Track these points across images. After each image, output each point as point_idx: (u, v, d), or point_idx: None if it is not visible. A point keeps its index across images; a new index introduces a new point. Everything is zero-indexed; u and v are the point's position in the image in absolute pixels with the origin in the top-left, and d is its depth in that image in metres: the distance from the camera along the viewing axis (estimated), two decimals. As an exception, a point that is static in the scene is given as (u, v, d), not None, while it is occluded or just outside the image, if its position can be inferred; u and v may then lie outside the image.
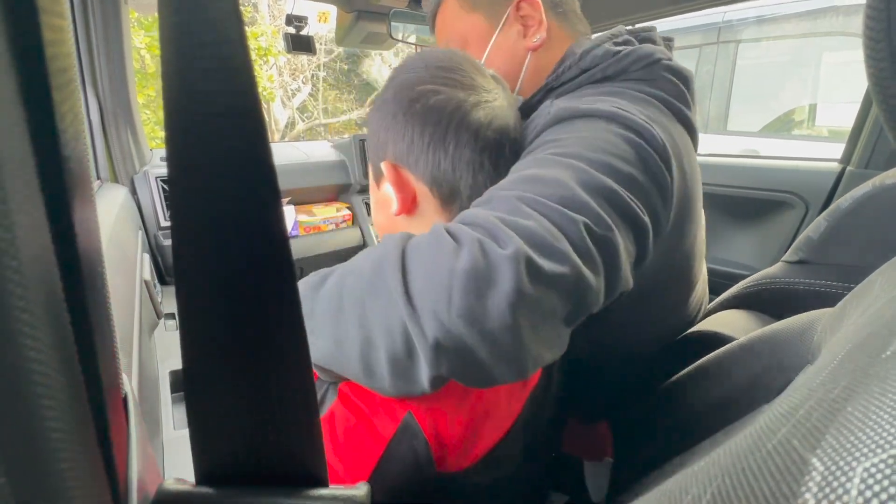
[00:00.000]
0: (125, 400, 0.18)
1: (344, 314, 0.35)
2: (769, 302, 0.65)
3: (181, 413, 0.68)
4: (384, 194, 0.48)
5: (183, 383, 0.17)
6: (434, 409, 0.38)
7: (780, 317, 0.54)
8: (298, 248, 1.31)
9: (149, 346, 0.65)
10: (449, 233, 0.35)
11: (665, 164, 0.43)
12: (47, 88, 0.12)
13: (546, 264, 0.33)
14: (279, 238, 0.15)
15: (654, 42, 0.55)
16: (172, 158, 0.14)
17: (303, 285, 0.40)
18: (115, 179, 1.13)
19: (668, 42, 0.57)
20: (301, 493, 0.17)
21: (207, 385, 0.17)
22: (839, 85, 3.00)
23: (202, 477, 0.17)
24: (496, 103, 0.46)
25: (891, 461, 0.09)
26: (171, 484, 0.17)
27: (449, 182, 0.45)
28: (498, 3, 0.57)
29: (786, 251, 0.66)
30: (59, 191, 0.13)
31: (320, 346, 0.37)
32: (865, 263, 0.55)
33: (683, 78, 0.51)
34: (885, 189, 0.57)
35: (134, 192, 1.13)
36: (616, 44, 0.52)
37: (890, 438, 0.10)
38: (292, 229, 1.31)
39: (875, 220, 0.56)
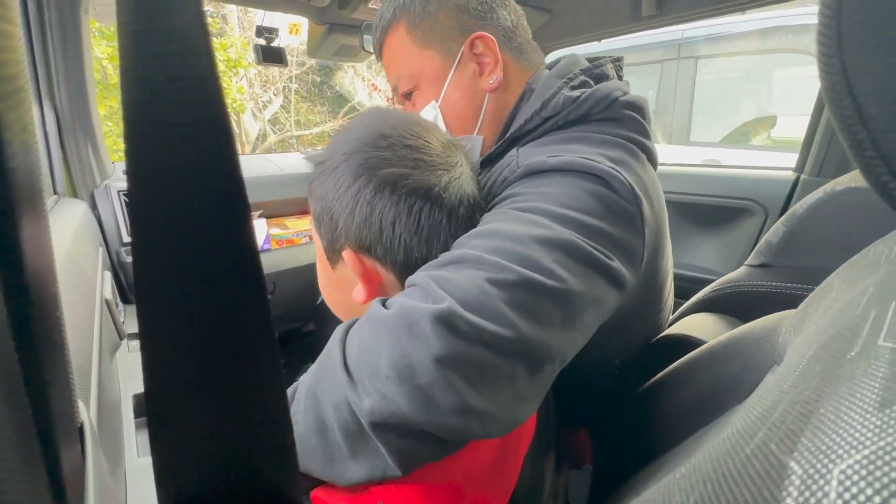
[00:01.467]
0: (81, 430, 0.17)
1: (300, 404, 0.36)
2: (735, 304, 0.67)
3: (145, 439, 0.65)
4: (340, 276, 0.45)
5: (145, 408, 0.16)
6: (407, 492, 0.35)
7: (745, 318, 0.56)
8: (271, 262, 1.28)
9: (110, 368, 0.61)
10: (383, 303, 0.36)
11: (635, 206, 0.43)
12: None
13: (474, 320, 0.32)
14: (248, 253, 0.14)
15: (607, 77, 0.54)
16: (132, 171, 0.13)
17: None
18: (74, 194, 1.07)
19: (617, 62, 0.57)
20: (274, 521, 0.16)
21: (171, 410, 0.16)
22: (790, 98, 3.19)
23: (166, 509, 0.16)
24: (463, 177, 0.44)
25: (865, 462, 0.10)
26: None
27: (419, 266, 0.43)
28: (451, 40, 0.55)
29: (748, 255, 0.69)
30: (4, 206, 0.12)
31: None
32: (822, 265, 0.58)
33: (639, 109, 0.52)
34: (836, 195, 0.61)
35: (94, 206, 1.08)
36: (573, 87, 0.51)
37: (862, 439, 0.10)
38: (264, 243, 1.28)
39: (828, 223, 0.59)
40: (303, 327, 1.69)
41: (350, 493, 0.35)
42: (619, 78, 0.57)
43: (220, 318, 0.15)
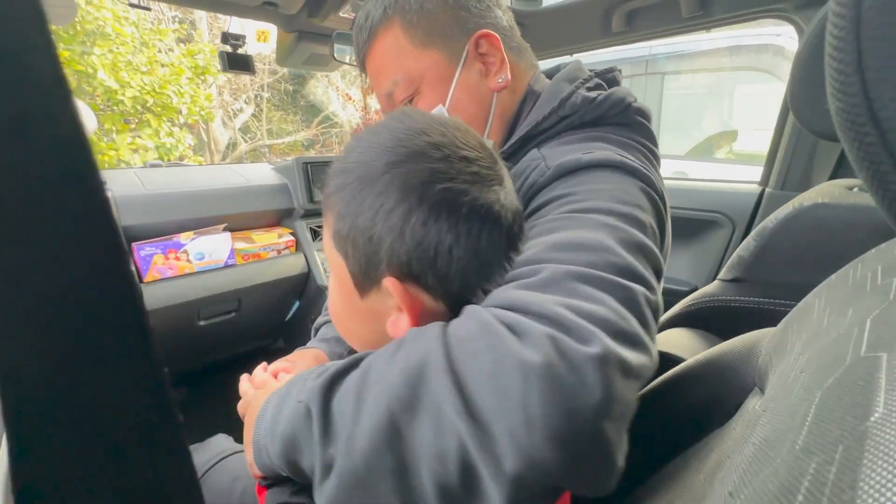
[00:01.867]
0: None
1: (367, 438, 0.29)
2: (710, 319, 0.67)
3: None
4: (371, 307, 0.38)
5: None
6: None
7: (721, 333, 0.56)
8: (236, 278, 1.22)
9: None
10: (504, 324, 0.29)
11: (664, 205, 0.44)
12: None
13: (632, 357, 0.29)
14: (123, 297, 0.11)
15: (618, 83, 0.54)
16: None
17: (306, 394, 0.33)
18: None
19: (619, 73, 0.57)
20: None
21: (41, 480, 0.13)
22: (751, 114, 3.35)
23: None
24: (512, 190, 0.40)
25: None
26: None
27: (476, 289, 0.38)
28: (454, 39, 0.52)
29: (718, 266, 0.69)
30: None
31: (332, 484, 0.30)
32: (793, 280, 0.59)
33: (648, 117, 0.51)
34: (804, 210, 0.62)
35: None
36: (588, 88, 0.50)
37: None
38: (228, 258, 1.22)
39: (798, 238, 0.60)
40: (271, 345, 1.62)
41: None
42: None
43: (95, 383, 0.12)
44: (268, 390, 0.43)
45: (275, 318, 1.49)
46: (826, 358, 0.19)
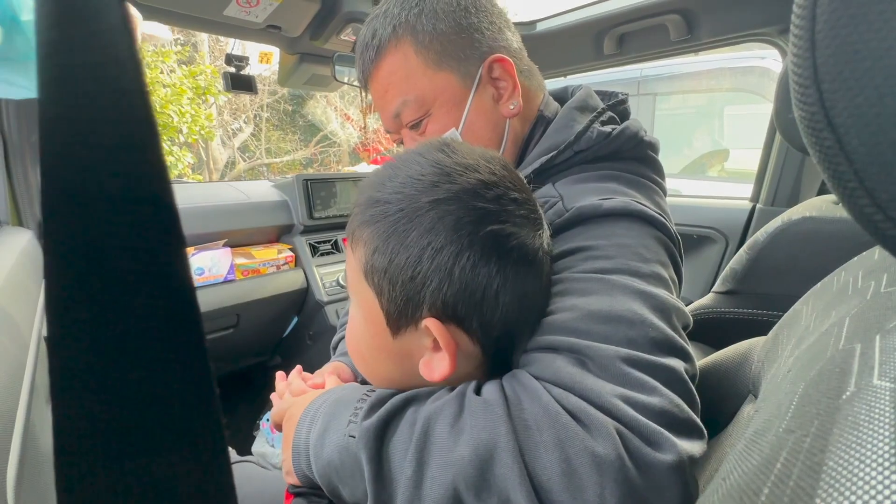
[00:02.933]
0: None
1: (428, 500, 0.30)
2: (705, 331, 0.68)
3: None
4: (403, 347, 0.37)
5: (55, 476, 0.13)
6: None
7: (715, 344, 0.57)
8: (235, 293, 1.22)
9: (43, 416, 0.55)
10: (569, 412, 0.30)
11: (679, 252, 0.44)
12: None
13: (696, 448, 0.30)
14: (183, 291, 0.12)
15: (629, 114, 0.54)
16: (46, 198, 0.12)
17: (358, 431, 0.34)
18: (19, 222, 1.00)
19: (626, 97, 0.57)
20: None
21: (84, 479, 0.13)
22: (740, 133, 3.43)
23: None
24: (546, 231, 0.40)
25: None
26: None
27: (513, 335, 0.37)
28: (468, 61, 0.51)
29: (713, 281, 0.71)
30: None
31: None
32: (784, 291, 0.60)
33: (657, 150, 0.52)
34: (793, 224, 0.63)
35: (41, 236, 1.01)
36: (602, 122, 0.50)
37: (885, 501, 0.09)
38: (228, 273, 1.22)
39: (788, 250, 0.62)
40: (268, 361, 1.61)
41: None
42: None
43: (146, 367, 0.13)
44: (306, 399, 0.43)
45: (273, 333, 1.49)
46: (809, 354, 0.20)
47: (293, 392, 0.49)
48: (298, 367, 0.55)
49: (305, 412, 0.41)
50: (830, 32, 0.13)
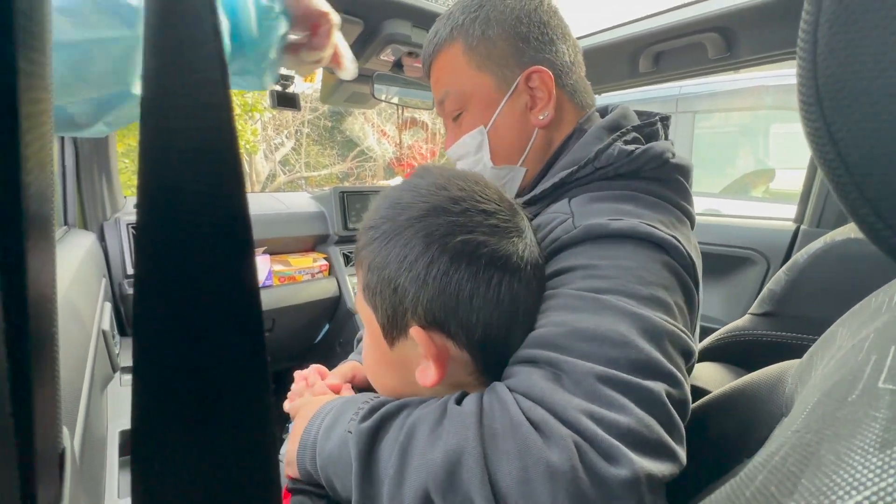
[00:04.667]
0: (62, 456, 0.16)
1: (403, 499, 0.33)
2: (739, 353, 0.66)
3: (128, 479, 0.62)
4: (399, 357, 0.41)
5: (131, 443, 0.15)
6: None
7: (750, 368, 0.55)
8: (272, 299, 1.28)
9: (99, 401, 0.60)
10: (532, 422, 0.32)
11: (693, 277, 0.43)
12: (16, 112, 0.12)
13: (659, 469, 0.31)
14: (249, 290, 0.14)
15: (658, 135, 0.54)
16: (142, 197, 0.14)
17: (355, 428, 0.37)
18: (84, 225, 1.10)
19: (664, 121, 0.57)
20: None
21: (158, 446, 0.15)
22: (788, 153, 3.29)
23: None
24: (533, 243, 0.42)
25: (866, 502, 0.09)
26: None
27: (498, 340, 0.39)
28: (508, 68, 0.54)
29: (752, 304, 0.68)
30: (16, 232, 0.13)
31: None
32: (824, 315, 0.57)
33: (686, 173, 0.52)
34: (836, 245, 0.61)
35: (102, 238, 1.10)
36: (626, 142, 0.51)
37: (863, 480, 0.10)
38: (266, 279, 1.28)
39: (829, 273, 0.59)
40: (300, 366, 1.65)
41: None
42: (665, 136, 0.56)
43: (216, 354, 0.15)
44: (322, 400, 0.47)
45: (305, 339, 1.54)
46: (832, 368, 0.20)
47: (314, 392, 0.53)
48: (316, 366, 0.59)
49: (320, 410, 0.44)
50: (830, 55, 0.14)
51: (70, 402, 0.42)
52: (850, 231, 0.62)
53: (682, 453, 0.34)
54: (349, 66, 0.57)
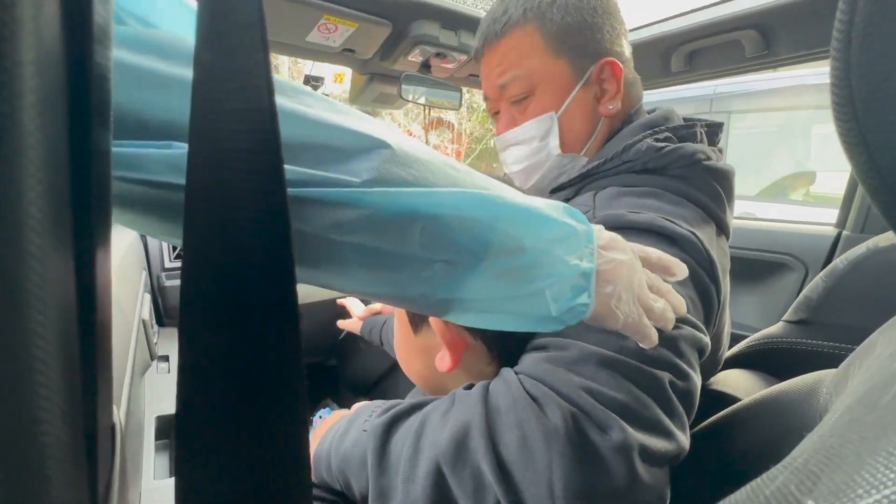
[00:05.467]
0: (113, 429, 0.18)
1: (416, 482, 0.34)
2: (771, 361, 0.64)
3: (163, 462, 0.65)
4: (423, 343, 0.44)
5: (175, 429, 0.16)
6: None
7: (781, 376, 0.53)
8: (299, 295, 1.31)
9: (139, 388, 0.63)
10: (532, 396, 0.33)
11: (710, 273, 0.43)
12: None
13: (654, 443, 0.32)
14: (288, 280, 0.15)
15: (694, 138, 0.54)
16: (191, 193, 0.15)
17: (370, 426, 0.39)
18: (126, 221, 1.15)
19: (713, 127, 0.56)
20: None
21: (200, 430, 0.16)
22: (830, 154, 3.13)
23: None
24: None
25: (885, 501, 0.09)
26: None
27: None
28: (585, 57, 0.54)
29: (786, 312, 0.66)
30: (90, 222, 0.14)
31: None
32: (863, 324, 0.55)
33: (721, 177, 0.51)
34: (879, 251, 0.58)
35: (143, 234, 1.15)
36: (657, 139, 0.51)
37: (883, 479, 0.10)
38: (294, 275, 1.32)
39: (871, 281, 0.57)
40: (324, 362, 1.69)
41: None
42: (714, 143, 0.56)
43: (256, 344, 0.16)
44: (341, 413, 0.49)
45: (328, 336, 1.57)
46: (866, 375, 0.20)
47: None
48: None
49: (332, 425, 0.46)
50: (864, 55, 0.14)
51: (115, 386, 0.44)
52: (894, 237, 0.59)
53: (680, 435, 0.35)
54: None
